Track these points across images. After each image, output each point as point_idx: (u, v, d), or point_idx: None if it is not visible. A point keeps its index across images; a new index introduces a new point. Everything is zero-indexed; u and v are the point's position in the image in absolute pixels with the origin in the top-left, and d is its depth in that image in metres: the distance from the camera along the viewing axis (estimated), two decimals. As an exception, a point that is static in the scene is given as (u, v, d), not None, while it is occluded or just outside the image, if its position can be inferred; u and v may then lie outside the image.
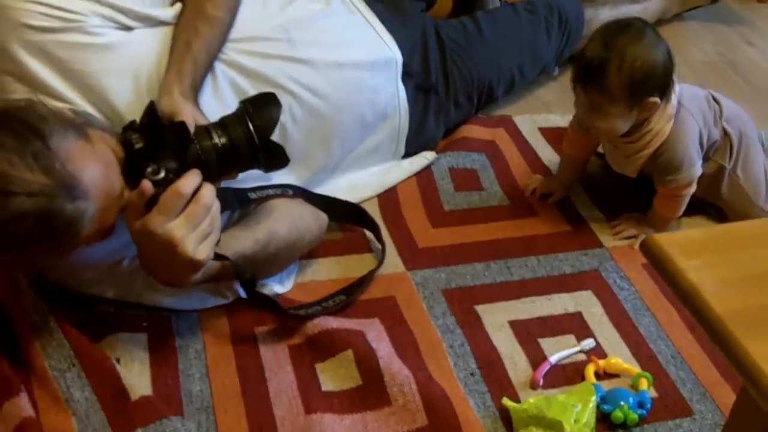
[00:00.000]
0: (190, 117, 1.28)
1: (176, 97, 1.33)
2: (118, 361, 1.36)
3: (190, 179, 1.20)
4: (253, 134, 1.29)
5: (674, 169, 1.59)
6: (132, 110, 1.36)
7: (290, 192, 1.49)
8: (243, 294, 1.46)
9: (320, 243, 1.60)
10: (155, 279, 1.31)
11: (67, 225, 1.15)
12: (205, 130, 1.27)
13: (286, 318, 1.44)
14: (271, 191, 1.46)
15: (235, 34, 1.50)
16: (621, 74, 1.47)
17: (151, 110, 1.23)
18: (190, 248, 1.19)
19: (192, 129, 1.26)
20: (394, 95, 1.74)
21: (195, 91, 1.39)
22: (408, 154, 1.83)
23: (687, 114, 1.58)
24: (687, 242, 0.80)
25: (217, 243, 1.26)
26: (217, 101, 1.46)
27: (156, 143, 1.22)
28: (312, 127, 1.59)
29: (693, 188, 1.63)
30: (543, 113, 2.06)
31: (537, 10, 2.03)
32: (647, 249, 0.79)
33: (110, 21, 1.40)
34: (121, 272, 1.39)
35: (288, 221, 1.46)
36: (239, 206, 1.46)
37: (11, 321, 1.38)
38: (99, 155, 1.20)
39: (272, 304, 1.42)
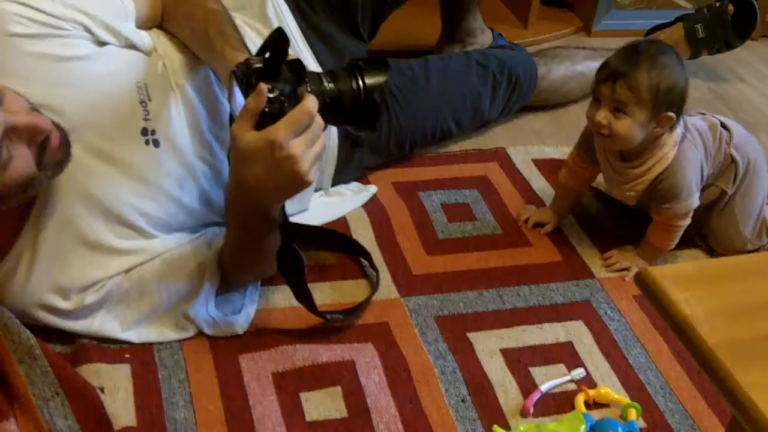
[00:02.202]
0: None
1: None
2: (102, 390, 1.36)
3: (313, 100, 1.21)
4: (361, 90, 1.30)
5: (673, 196, 1.61)
6: (85, 122, 1.35)
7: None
8: (205, 329, 1.47)
9: (315, 268, 1.63)
10: (241, 201, 1.32)
11: None
12: (317, 76, 1.29)
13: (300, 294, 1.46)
14: None
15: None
16: (651, 77, 1.50)
17: (279, 34, 1.24)
18: (307, 166, 1.22)
19: None
20: (326, 136, 1.75)
21: None
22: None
23: (690, 144, 1.61)
24: (680, 275, 0.82)
25: None
26: (181, 128, 1.48)
27: (274, 70, 1.22)
28: None
29: (688, 220, 1.65)
30: (537, 145, 2.08)
31: (488, 65, 2.01)
32: (641, 280, 0.81)
33: (86, 31, 1.38)
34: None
35: None
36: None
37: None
38: None
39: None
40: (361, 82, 1.31)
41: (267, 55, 1.25)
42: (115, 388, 1.38)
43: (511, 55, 2.10)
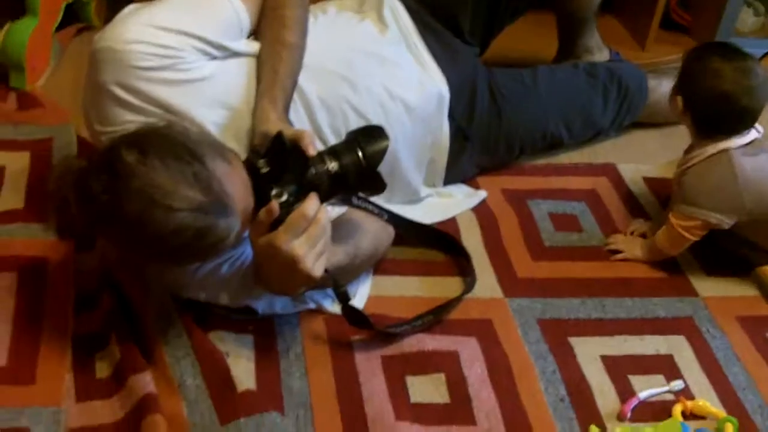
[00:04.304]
0: (308, 138, 1.36)
1: (277, 122, 1.42)
2: (227, 354, 1.47)
3: (313, 203, 1.30)
4: (362, 162, 1.37)
5: (682, 197, 1.67)
6: (223, 138, 1.44)
7: (385, 216, 1.55)
8: (326, 306, 1.57)
9: (410, 262, 1.72)
10: (268, 289, 1.42)
11: (219, 239, 1.26)
12: (319, 157, 1.36)
13: (375, 333, 1.52)
14: (371, 207, 1.52)
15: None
16: (691, 59, 1.66)
17: (279, 138, 1.34)
18: (310, 265, 1.30)
19: (313, 150, 1.35)
20: (439, 129, 1.80)
21: (287, 114, 1.48)
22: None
23: (724, 165, 1.63)
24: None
25: None
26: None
27: (280, 168, 1.32)
28: None
29: (687, 234, 1.67)
30: (647, 163, 2.09)
31: (597, 74, 2.04)
32: (757, 277, 0.85)
33: (202, 53, 1.46)
34: (215, 278, 1.48)
35: (369, 235, 1.57)
36: (340, 203, 1.51)
37: (137, 310, 1.51)
38: (240, 176, 1.31)
39: (363, 318, 1.50)
40: (361, 154, 1.37)
41: (269, 153, 1.34)
42: (239, 355, 1.48)
43: (621, 66, 2.14)
